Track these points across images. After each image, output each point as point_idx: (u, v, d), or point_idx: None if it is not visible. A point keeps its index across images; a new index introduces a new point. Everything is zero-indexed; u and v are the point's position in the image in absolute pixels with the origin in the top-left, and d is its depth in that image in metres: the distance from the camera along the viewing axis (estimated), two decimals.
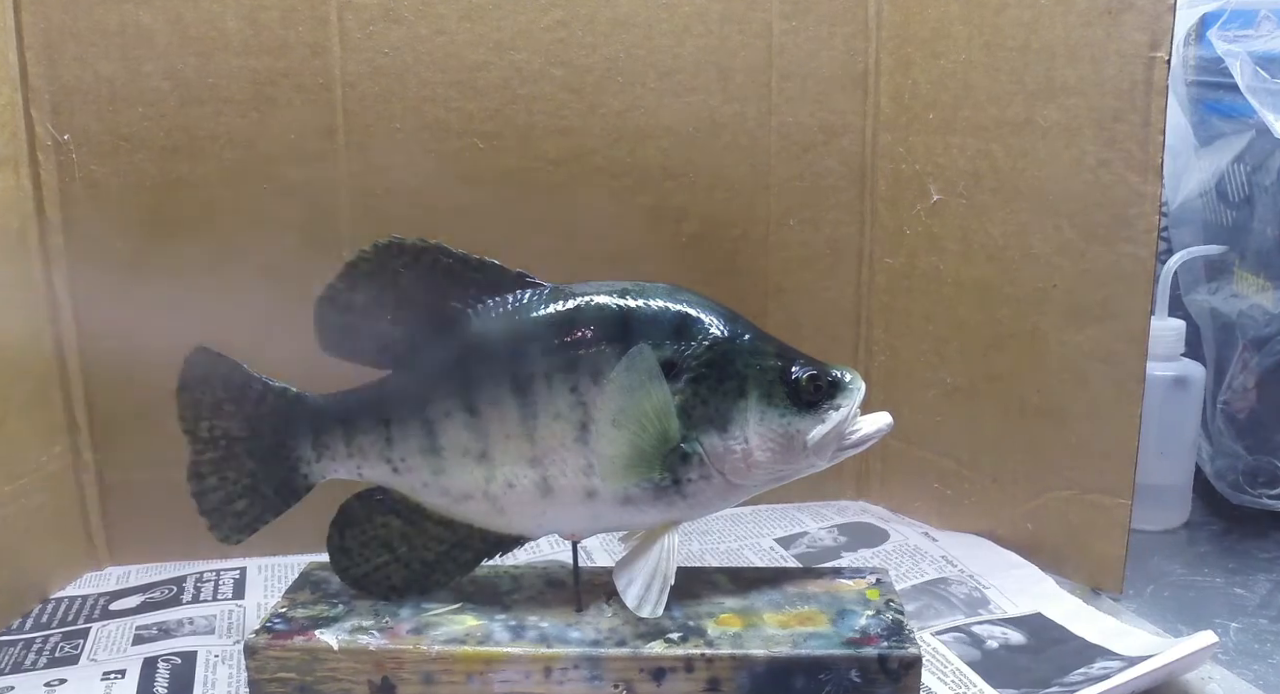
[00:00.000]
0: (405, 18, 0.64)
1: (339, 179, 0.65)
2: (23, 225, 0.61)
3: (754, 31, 0.68)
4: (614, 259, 0.67)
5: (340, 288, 0.50)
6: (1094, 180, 0.59)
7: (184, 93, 0.62)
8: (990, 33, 0.63)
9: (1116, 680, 0.50)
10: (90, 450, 0.65)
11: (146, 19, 0.61)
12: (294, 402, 0.51)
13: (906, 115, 0.68)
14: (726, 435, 0.48)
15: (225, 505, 0.51)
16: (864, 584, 0.54)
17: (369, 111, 0.64)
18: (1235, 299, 0.74)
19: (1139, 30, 0.56)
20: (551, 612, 0.51)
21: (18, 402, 0.60)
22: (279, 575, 0.64)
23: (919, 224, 0.68)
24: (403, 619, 0.50)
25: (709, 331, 0.49)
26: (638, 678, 0.47)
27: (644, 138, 0.67)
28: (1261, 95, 0.66)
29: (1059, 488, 0.64)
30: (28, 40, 0.60)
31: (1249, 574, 0.66)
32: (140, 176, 0.63)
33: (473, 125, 0.65)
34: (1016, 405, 0.65)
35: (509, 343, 0.49)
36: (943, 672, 0.53)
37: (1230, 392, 0.74)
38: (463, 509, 0.50)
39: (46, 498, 0.62)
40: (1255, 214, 0.71)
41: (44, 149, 0.61)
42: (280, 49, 0.63)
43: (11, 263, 0.60)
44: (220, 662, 0.54)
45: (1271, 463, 0.73)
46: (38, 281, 0.62)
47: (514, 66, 0.65)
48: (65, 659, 0.55)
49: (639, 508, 0.49)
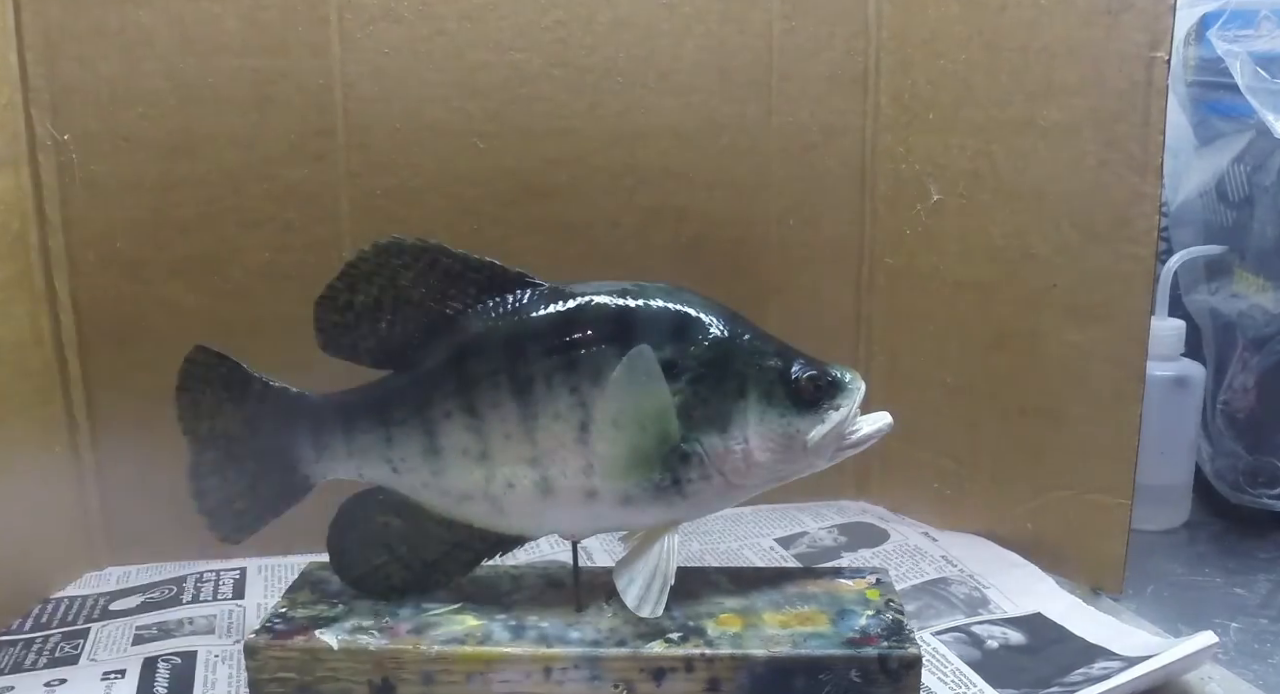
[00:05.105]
0: (405, 18, 0.64)
1: (339, 179, 0.65)
2: (23, 225, 0.61)
3: (754, 31, 0.68)
4: (614, 259, 0.67)
5: (340, 288, 0.50)
6: (1094, 180, 0.59)
7: (184, 93, 0.62)
8: (990, 33, 0.63)
9: (1116, 680, 0.50)
10: (90, 450, 0.65)
11: (146, 19, 0.61)
12: (294, 401, 0.51)
13: (906, 115, 0.68)
14: (726, 435, 0.48)
15: (225, 505, 0.51)
16: (864, 584, 0.54)
17: (369, 111, 0.64)
18: (1235, 299, 0.74)
19: (1139, 30, 0.56)
20: (551, 612, 0.51)
21: (18, 402, 0.60)
22: (279, 575, 0.64)
23: (919, 224, 0.68)
24: (403, 619, 0.50)
25: (709, 331, 0.49)
26: (638, 678, 0.47)
27: (644, 138, 0.67)
28: (1261, 95, 0.66)
29: (1059, 488, 0.64)
30: (28, 40, 0.60)
31: (1249, 574, 0.66)
32: (140, 176, 0.63)
33: (473, 125, 0.65)
34: (1016, 405, 0.65)
35: (509, 343, 0.48)
36: (943, 672, 0.53)
37: (1230, 391, 0.74)
38: (463, 509, 0.50)
39: (46, 498, 0.62)
40: (1255, 214, 0.71)
41: (44, 149, 0.61)
42: (280, 49, 0.63)
43: (11, 263, 0.60)
44: (220, 662, 0.54)
45: (1271, 463, 0.72)
46: (38, 281, 0.62)
47: (514, 66, 0.65)
48: (65, 659, 0.55)
49: (639, 508, 0.49)
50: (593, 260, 0.67)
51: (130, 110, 0.62)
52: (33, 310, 0.62)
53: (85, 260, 0.63)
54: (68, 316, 0.63)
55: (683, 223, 0.69)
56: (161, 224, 0.63)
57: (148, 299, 0.64)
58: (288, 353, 0.51)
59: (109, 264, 0.63)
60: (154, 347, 0.63)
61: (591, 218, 0.67)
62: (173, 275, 0.64)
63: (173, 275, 0.64)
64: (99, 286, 0.63)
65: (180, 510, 0.52)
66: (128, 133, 0.62)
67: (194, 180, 0.63)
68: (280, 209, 0.64)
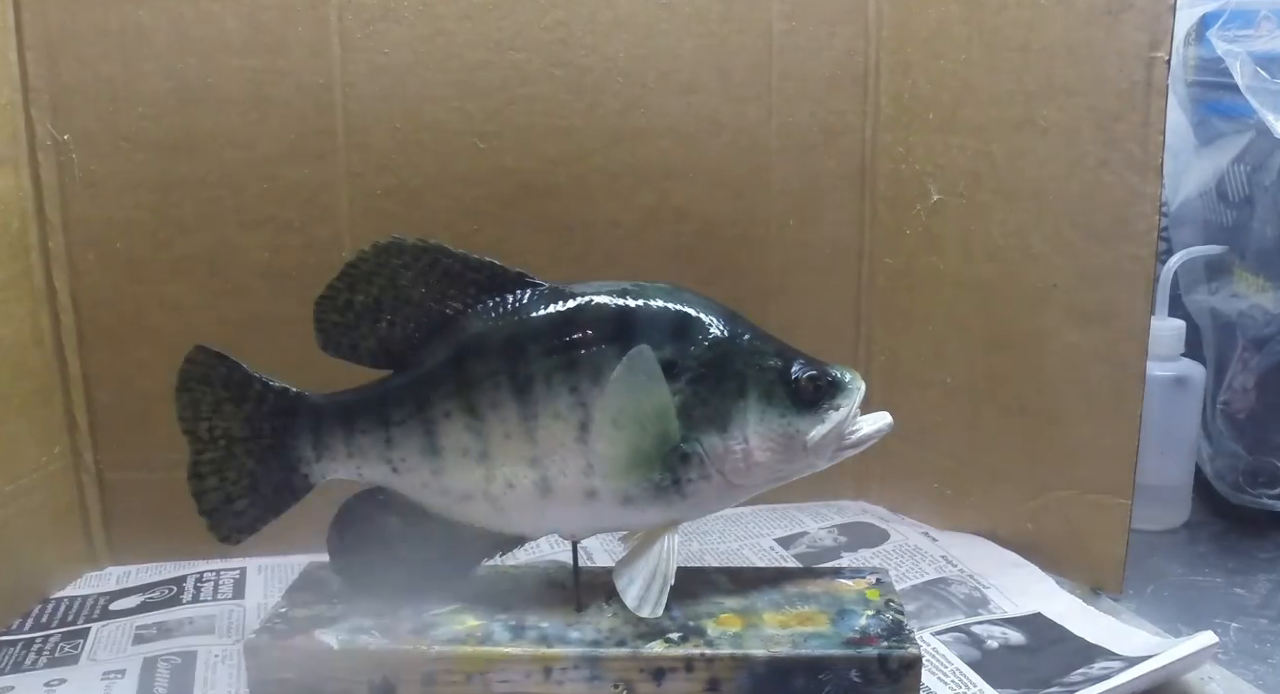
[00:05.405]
0: (405, 18, 0.64)
1: (339, 179, 0.65)
2: (23, 225, 0.61)
3: (754, 31, 0.68)
4: (614, 259, 0.67)
5: (340, 288, 0.50)
6: (1094, 180, 0.59)
7: (184, 93, 0.62)
8: (990, 33, 0.63)
9: (1116, 681, 0.50)
10: (90, 450, 0.65)
11: (146, 19, 0.61)
12: (294, 401, 0.51)
13: (906, 115, 0.68)
14: (726, 435, 0.48)
15: (225, 505, 0.51)
16: (864, 584, 0.54)
17: (369, 111, 0.64)
18: (1235, 299, 0.74)
19: (1139, 30, 0.56)
20: (551, 612, 0.51)
21: (18, 402, 0.60)
22: (279, 575, 0.64)
23: (919, 224, 0.68)
24: (403, 619, 0.50)
25: (709, 331, 0.49)
26: (638, 678, 0.47)
27: (644, 138, 0.67)
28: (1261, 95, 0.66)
29: (1059, 488, 0.64)
30: (28, 40, 0.60)
31: (1249, 574, 0.66)
32: (140, 176, 0.63)
33: (473, 125, 0.65)
34: (1016, 405, 0.65)
35: (509, 343, 0.49)
36: (943, 672, 0.53)
37: (1230, 392, 0.74)
38: (463, 509, 0.50)
39: (46, 498, 0.62)
40: (1255, 214, 0.71)
41: (44, 149, 0.61)
42: (280, 49, 0.63)
43: (11, 263, 0.60)
44: (220, 662, 0.54)
45: (1271, 463, 0.72)
46: (38, 281, 0.62)
47: (514, 66, 0.65)
48: (65, 659, 0.55)
49: (639, 508, 0.49)
50: (593, 260, 0.67)
51: (130, 110, 0.62)
52: (33, 310, 0.62)
53: (85, 260, 0.63)
54: (68, 317, 0.63)
55: (683, 223, 0.69)
56: (161, 224, 0.63)
57: (148, 299, 0.64)
58: (288, 353, 0.51)
59: (109, 264, 0.63)
60: (154, 346, 0.63)
61: (591, 218, 0.67)
62: (173, 275, 0.64)
63: (173, 275, 0.64)
64: (99, 286, 0.63)
65: (180, 510, 0.52)
66: (128, 133, 0.62)
67: (194, 180, 0.63)
68: (280, 209, 0.64)
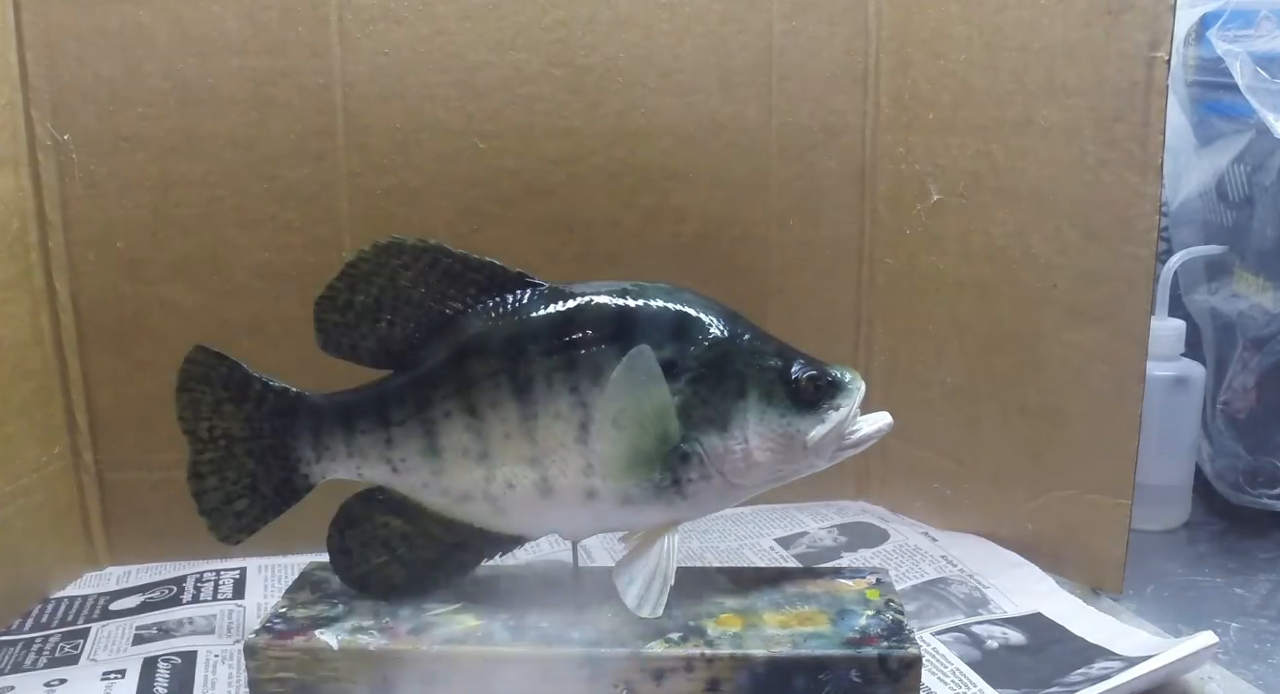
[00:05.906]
0: (405, 18, 0.64)
1: (339, 179, 0.65)
2: (23, 225, 0.61)
3: (754, 31, 0.68)
4: (614, 259, 0.67)
5: (340, 288, 0.50)
6: (1094, 180, 0.59)
7: (184, 93, 0.62)
8: (990, 33, 0.63)
9: (1116, 681, 0.50)
10: (90, 450, 0.65)
11: (146, 19, 0.61)
12: (294, 401, 0.51)
13: (906, 115, 0.68)
14: (726, 435, 0.48)
15: (225, 505, 0.51)
16: (864, 584, 0.54)
17: (369, 111, 0.64)
18: (1235, 299, 0.74)
19: (1139, 30, 0.56)
20: (551, 612, 0.51)
21: (18, 402, 0.60)
22: (279, 575, 0.64)
23: (919, 224, 0.68)
24: (403, 619, 0.50)
25: (709, 331, 0.49)
26: (638, 678, 0.47)
27: (644, 138, 0.67)
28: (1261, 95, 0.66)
29: (1059, 488, 0.64)
30: (28, 40, 0.60)
31: (1249, 574, 0.66)
32: (140, 176, 0.63)
33: (473, 125, 0.65)
34: (1016, 405, 0.65)
35: (509, 343, 0.49)
36: (943, 672, 0.53)
37: (1230, 391, 0.74)
38: (463, 509, 0.50)
39: (46, 498, 0.62)
40: (1255, 214, 0.71)
41: (44, 149, 0.61)
42: (280, 49, 0.63)
43: (11, 263, 0.60)
44: (220, 662, 0.54)
45: (1271, 463, 0.73)
46: (38, 281, 0.62)
47: (514, 66, 0.65)
48: (65, 659, 0.55)
49: (639, 508, 0.49)
50: (593, 260, 0.67)
51: (130, 110, 0.62)
52: (33, 310, 0.62)
53: (85, 260, 0.63)
54: (68, 316, 0.63)
55: (683, 223, 0.69)
56: (161, 224, 0.63)
57: (148, 299, 0.64)
58: (288, 353, 0.51)
59: (109, 264, 0.63)
60: (154, 346, 0.63)
61: (591, 218, 0.67)
62: (173, 275, 0.64)
63: (173, 275, 0.64)
64: (99, 286, 0.63)
65: (180, 510, 0.52)
66: (128, 133, 0.62)
67: (194, 180, 0.63)
68: (280, 209, 0.64)
